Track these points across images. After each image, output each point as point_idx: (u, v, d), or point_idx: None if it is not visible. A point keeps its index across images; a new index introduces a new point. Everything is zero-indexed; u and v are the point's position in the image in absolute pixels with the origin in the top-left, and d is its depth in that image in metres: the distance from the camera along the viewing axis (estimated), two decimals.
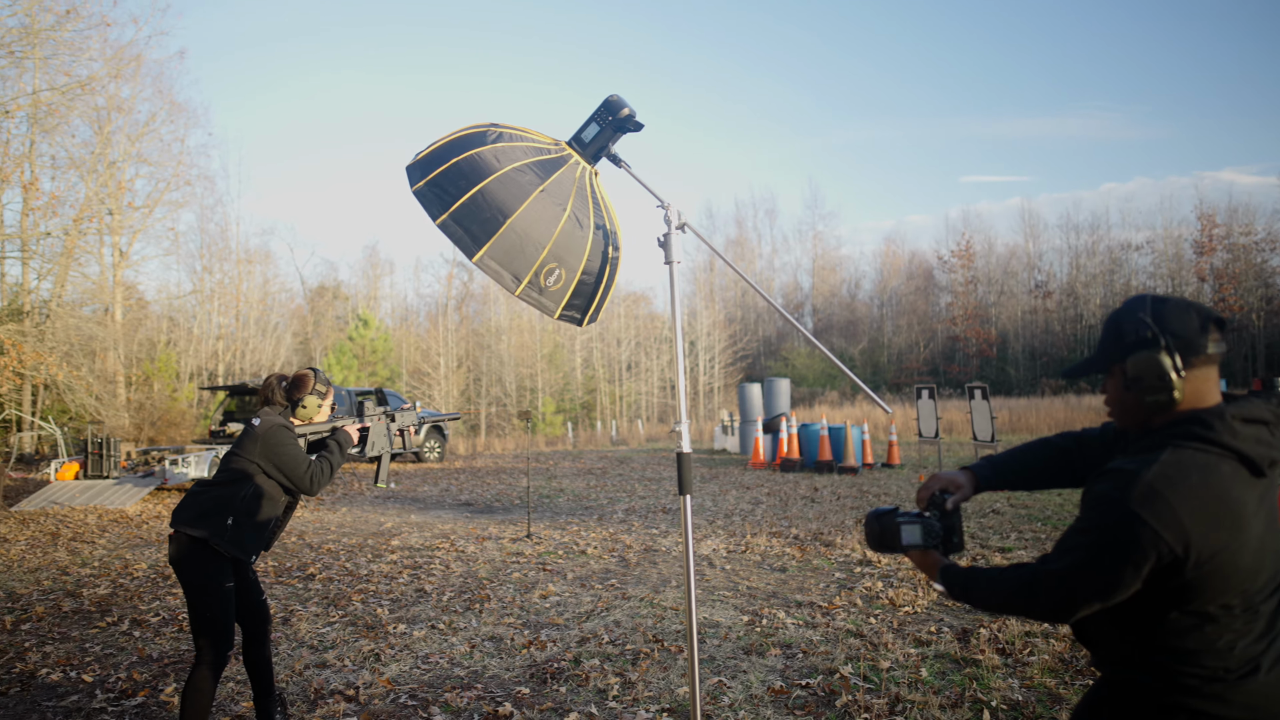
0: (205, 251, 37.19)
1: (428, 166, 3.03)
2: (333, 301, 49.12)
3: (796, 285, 67.02)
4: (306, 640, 5.48)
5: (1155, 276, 58.16)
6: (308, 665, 4.95)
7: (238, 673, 4.76)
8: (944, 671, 4.60)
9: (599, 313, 3.25)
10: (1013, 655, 4.80)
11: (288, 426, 3.60)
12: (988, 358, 57.34)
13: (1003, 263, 61.51)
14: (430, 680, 4.66)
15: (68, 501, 13.00)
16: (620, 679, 4.57)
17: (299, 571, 7.69)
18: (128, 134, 29.05)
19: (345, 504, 13.15)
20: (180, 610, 6.34)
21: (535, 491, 14.28)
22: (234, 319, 38.32)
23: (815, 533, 9.08)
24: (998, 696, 4.17)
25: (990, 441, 13.28)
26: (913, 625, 5.50)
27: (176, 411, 27.90)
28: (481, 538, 9.43)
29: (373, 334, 42.33)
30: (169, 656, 5.21)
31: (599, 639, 5.34)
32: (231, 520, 3.42)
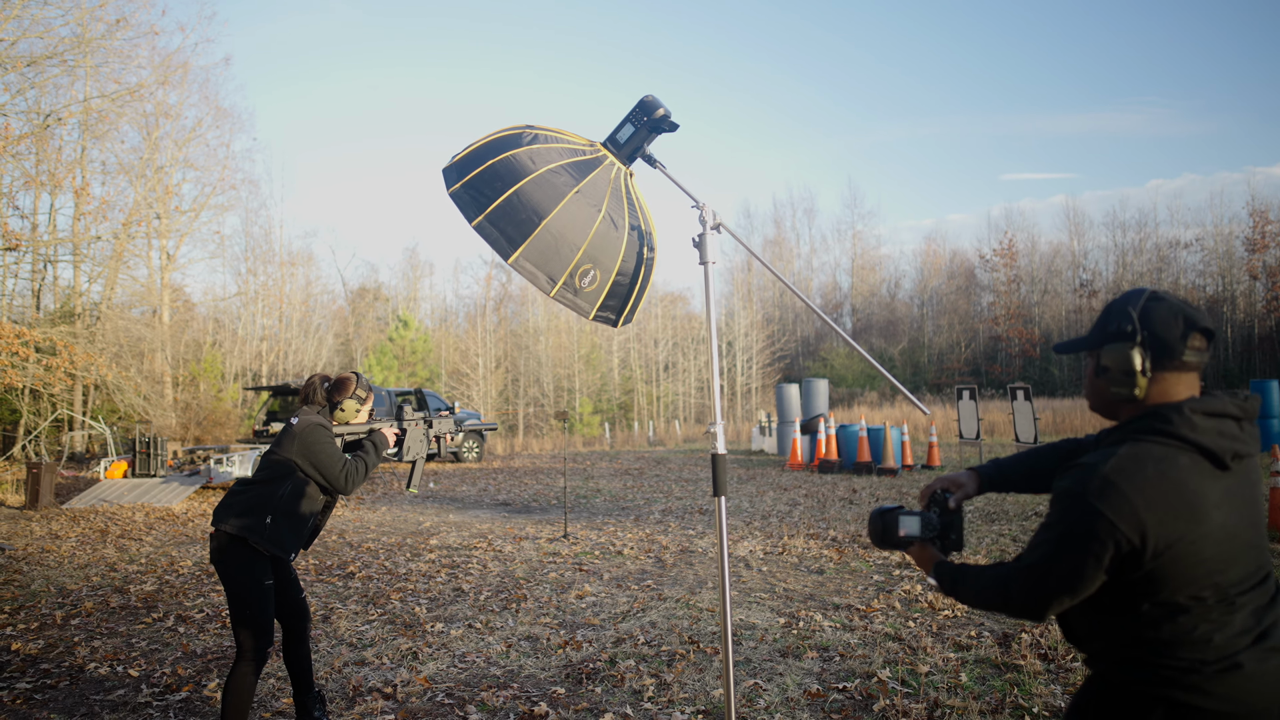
0: (250, 254, 37.88)
1: (464, 169, 3.05)
2: (373, 303, 49.72)
3: (835, 285, 66.54)
4: (346, 638, 5.54)
5: (1205, 275, 56.88)
6: (347, 663, 5.01)
7: (278, 669, 4.83)
8: (984, 677, 4.53)
9: (634, 314, 3.25)
10: (1055, 661, 4.72)
11: (325, 425, 3.65)
12: (1030, 358, 56.43)
13: (1046, 261, 60.52)
14: (467, 679, 4.69)
15: (116, 499, 13.30)
16: (655, 680, 4.56)
17: (339, 570, 7.79)
18: (175, 139, 29.67)
19: (385, 503, 13.30)
20: (223, 607, 6.45)
21: (572, 492, 14.33)
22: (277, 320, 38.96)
23: (853, 535, 9.00)
24: (1039, 703, 4.10)
25: (1034, 443, 13.07)
26: (952, 629, 5.43)
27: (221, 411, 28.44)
28: (519, 537, 9.48)
29: (412, 335, 42.77)
30: (212, 652, 5.31)
31: (635, 640, 5.34)
32: (270, 519, 3.48)
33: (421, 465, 4.08)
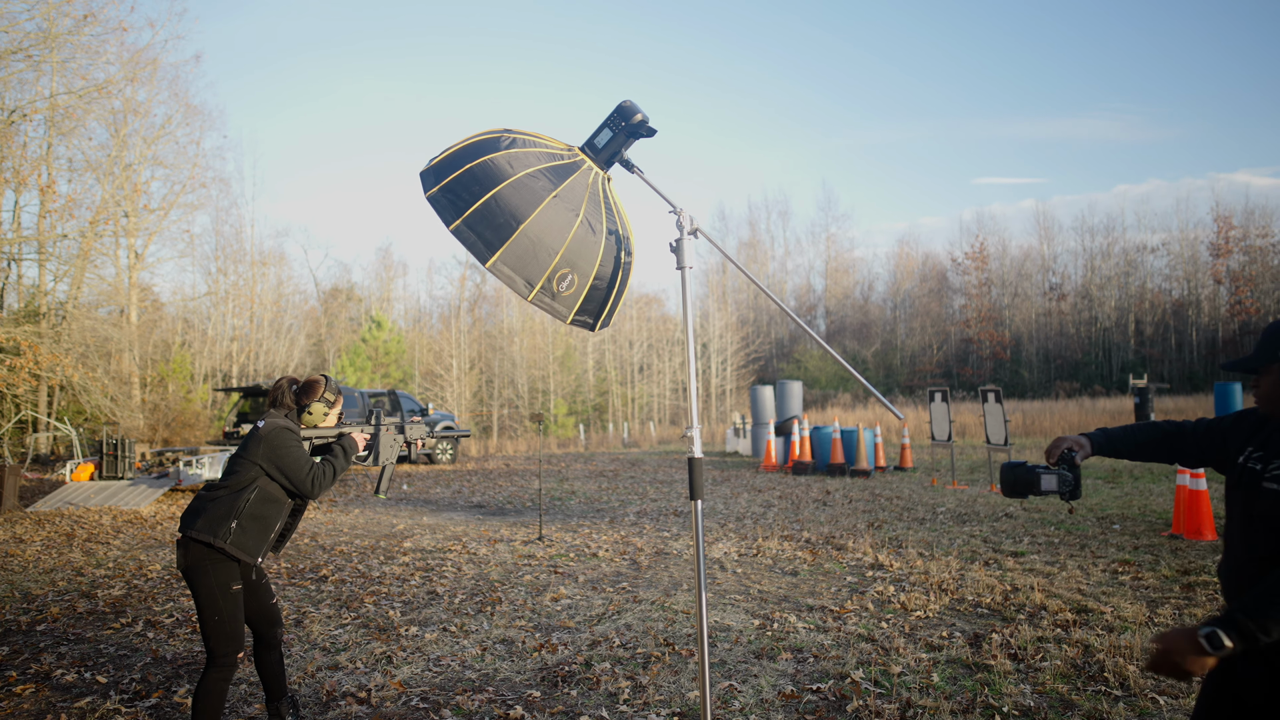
0: (220, 253, 37.47)
1: (441, 172, 3.05)
2: (346, 303, 49.32)
3: (809, 287, 66.93)
4: (319, 642, 5.51)
5: (1171, 279, 57.84)
6: (320, 667, 4.97)
7: (250, 674, 4.79)
8: (955, 677, 4.58)
9: (611, 318, 3.26)
10: (1025, 661, 4.78)
11: (291, 429, 3.62)
12: (1001, 360, 57.08)
13: (1017, 265, 61.26)
14: (441, 683, 4.67)
15: (83, 502, 13.10)
16: (631, 682, 4.57)
17: (312, 573, 7.73)
18: (144, 137, 29.29)
19: (358, 506, 13.21)
20: (193, 612, 6.37)
21: (547, 494, 14.31)
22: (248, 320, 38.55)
23: (827, 536, 9.06)
24: (1009, 702, 4.15)
25: (1004, 445, 13.22)
26: (924, 630, 5.49)
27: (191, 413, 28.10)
28: (493, 540, 9.46)
29: (386, 336, 42.49)
30: (182, 658, 5.25)
31: (610, 642, 5.35)
32: (236, 523, 3.44)
33: (392, 470, 4.06)
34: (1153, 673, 1.96)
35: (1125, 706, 4.07)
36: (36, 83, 23.18)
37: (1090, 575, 6.93)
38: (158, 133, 29.69)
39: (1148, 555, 7.67)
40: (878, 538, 8.92)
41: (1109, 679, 4.43)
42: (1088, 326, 57.78)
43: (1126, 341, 56.41)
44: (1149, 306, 56.91)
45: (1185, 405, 32.85)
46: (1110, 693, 4.25)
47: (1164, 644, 1.92)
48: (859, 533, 9.27)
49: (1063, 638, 5.18)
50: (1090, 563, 7.41)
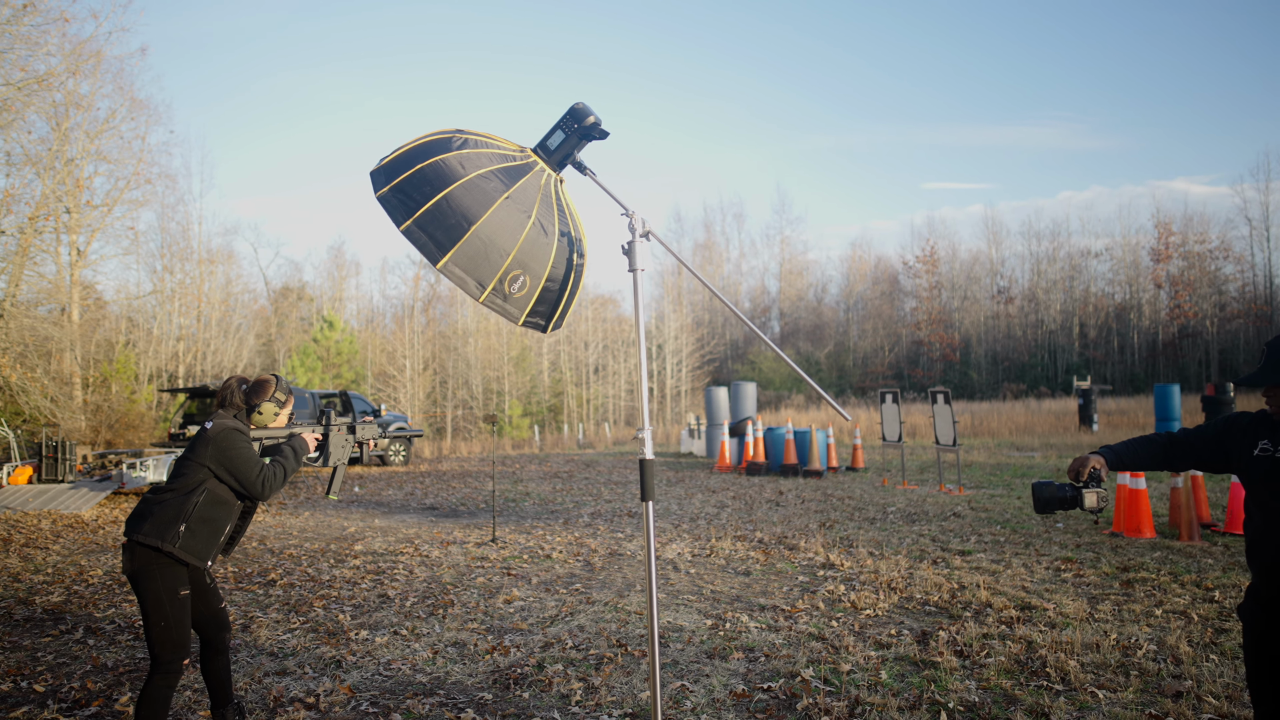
0: (166, 251, 36.64)
1: (392, 172, 3.02)
2: (297, 303, 48.54)
3: (764, 289, 67.43)
4: (266, 647, 5.42)
5: (1114, 283, 59.30)
6: (267, 673, 4.90)
7: (194, 681, 4.70)
8: (903, 674, 4.65)
9: (564, 319, 3.26)
10: (970, 657, 4.88)
11: (240, 429, 3.55)
12: (951, 362, 58.05)
13: (966, 268, 62.34)
14: (392, 687, 4.63)
15: (20, 506, 12.73)
16: (583, 684, 4.57)
17: (259, 577, 7.60)
18: (86, 131, 28.51)
19: (308, 508, 13.01)
20: (135, 617, 6.25)
21: (501, 495, 14.23)
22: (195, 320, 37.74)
23: (780, 536, 9.14)
24: (955, 698, 4.23)
25: (952, 445, 13.45)
26: (874, 628, 5.57)
27: (135, 414, 27.42)
28: (446, 542, 9.39)
29: (338, 336, 41.90)
30: (124, 665, 5.13)
31: (563, 644, 5.34)
32: (185, 527, 3.38)
33: (343, 472, 4.00)
34: None
35: (1066, 701, 4.17)
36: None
37: (1034, 573, 7.08)
38: (101, 127, 28.94)
39: (1089, 553, 7.86)
40: (829, 537, 9.03)
41: (1050, 674, 4.54)
42: (1034, 329, 59.01)
43: (1071, 344, 57.71)
44: (1093, 310, 58.28)
45: (1127, 406, 33.72)
46: (1052, 687, 4.35)
47: None
48: (811, 533, 9.37)
49: (1007, 634, 5.29)
50: (1034, 561, 7.57)
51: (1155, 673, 4.53)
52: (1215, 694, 4.17)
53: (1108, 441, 22.08)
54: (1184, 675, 4.48)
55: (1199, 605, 5.91)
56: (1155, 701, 4.12)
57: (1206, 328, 53.66)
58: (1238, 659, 4.74)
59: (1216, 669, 4.55)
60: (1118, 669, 4.61)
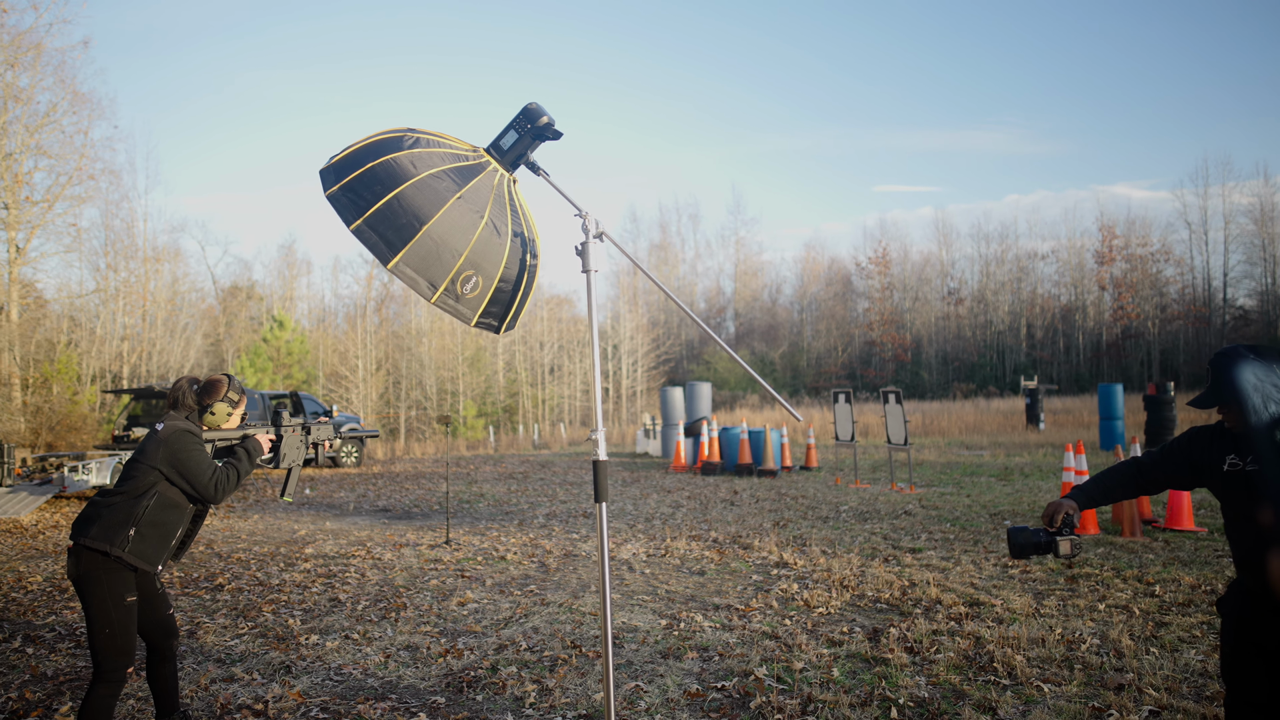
0: (110, 249, 35.72)
1: (342, 171, 2.98)
2: (246, 302, 47.65)
3: (719, 290, 67.80)
4: (213, 653, 5.31)
5: (1060, 284, 60.64)
6: (214, 679, 4.80)
7: (139, 689, 4.59)
8: (855, 671, 4.71)
9: (517, 321, 3.25)
10: (920, 653, 4.95)
11: (193, 432, 3.48)
12: (903, 362, 58.91)
13: (917, 270, 63.31)
14: (343, 692, 4.57)
15: None
16: (537, 686, 4.56)
17: (206, 582, 7.45)
18: (25, 125, 27.69)
19: (257, 511, 12.79)
20: (77, 625, 6.09)
21: (455, 497, 14.12)
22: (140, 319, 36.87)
23: (734, 535, 9.20)
24: (905, 694, 4.29)
25: (904, 445, 13.64)
26: (826, 626, 5.62)
27: (77, 415, 26.67)
28: (399, 545, 9.29)
29: (288, 336, 41.22)
30: (65, 674, 4.99)
31: (517, 646, 5.32)
32: (134, 531, 3.30)
33: (297, 473, 3.93)
34: None
35: (1013, 695, 4.25)
36: None
37: (982, 570, 7.21)
38: (41, 121, 28.13)
39: None
40: (783, 536, 9.10)
41: (998, 669, 4.62)
42: (983, 330, 60.11)
43: (1019, 344, 58.91)
44: (1039, 311, 59.54)
45: (1072, 405, 34.52)
46: (999, 682, 4.44)
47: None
48: (765, 532, 9.43)
49: (956, 630, 5.38)
50: (983, 558, 7.71)
51: (1098, 666, 4.64)
52: (1155, 686, 4.28)
53: (1053, 441, 22.58)
54: (1125, 668, 4.59)
55: (1140, 600, 6.06)
56: (1098, 694, 4.23)
57: (1148, 329, 55.14)
58: (1177, 652, 4.88)
59: (1157, 661, 4.68)
60: (1062, 663, 4.71)
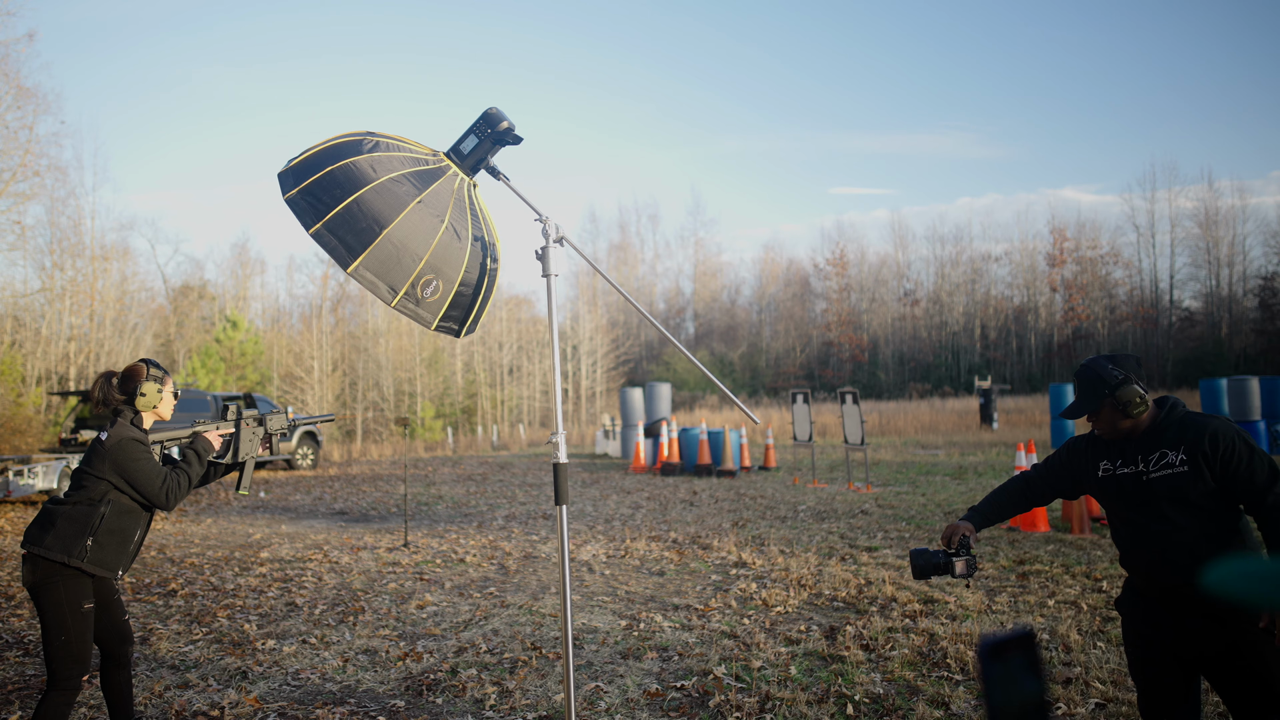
0: (56, 247, 34.82)
1: (301, 174, 2.97)
2: (198, 301, 46.73)
3: (679, 290, 67.98)
4: (167, 660, 5.24)
5: (1012, 286, 61.73)
6: (168, 686, 4.73)
7: (92, 697, 4.51)
8: (812, 669, 4.78)
9: (477, 324, 3.26)
10: (876, 651, 5.04)
11: (139, 439, 3.39)
12: (860, 362, 59.58)
13: (874, 271, 64.04)
14: (300, 697, 4.53)
15: None
16: (498, 688, 4.56)
17: (159, 588, 7.33)
18: None
19: (210, 514, 12.59)
20: (25, 632, 5.96)
21: (413, 499, 14.02)
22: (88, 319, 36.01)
23: (693, 536, 9.26)
24: (861, 690, 4.37)
25: (860, 444, 13.82)
26: (784, 625, 5.70)
27: (22, 418, 26.00)
28: (356, 548, 9.21)
29: (242, 336, 40.54)
30: (13, 683, 4.89)
31: (477, 648, 5.32)
32: (92, 540, 3.24)
33: (251, 465, 3.85)
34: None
35: (965, 690, 4.35)
36: None
37: None
38: None
39: (988, 547, 8.19)
40: (741, 536, 9.19)
41: (951, 665, 4.73)
42: (938, 330, 61.01)
43: (973, 345, 59.90)
44: (993, 312, 60.58)
45: (1025, 405, 35.19)
46: (952, 678, 4.54)
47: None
48: (724, 532, 9.51)
49: (911, 627, 5.49)
50: None
51: (1047, 660, 4.76)
52: (1101, 679, 4.41)
53: (1006, 440, 23.01)
54: (1073, 662, 4.72)
55: (1088, 595, 6.23)
56: (1046, 688, 4.34)
57: (1098, 329, 56.38)
58: (1122, 646, 5.02)
59: (1103, 655, 4.81)
60: None
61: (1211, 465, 2.59)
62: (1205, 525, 2.62)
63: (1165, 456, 2.66)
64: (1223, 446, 2.58)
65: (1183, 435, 2.67)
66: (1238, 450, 2.57)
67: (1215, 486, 2.61)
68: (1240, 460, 2.57)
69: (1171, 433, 2.70)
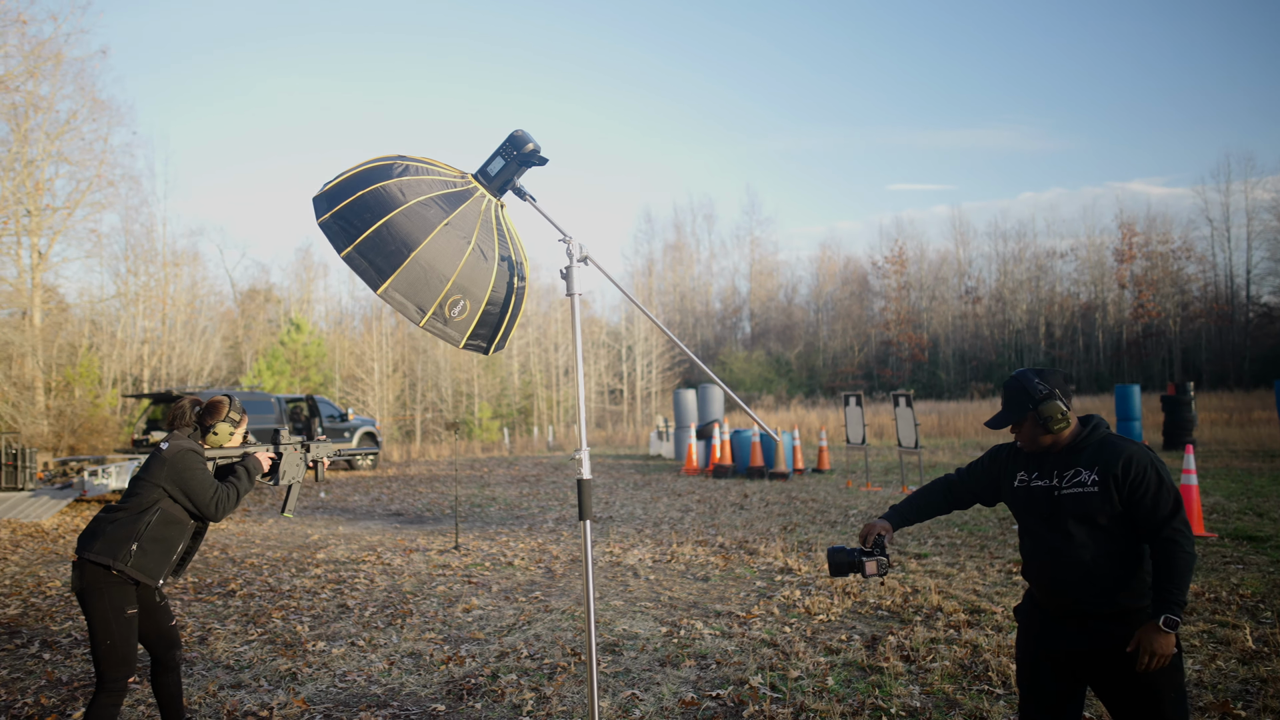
0: (130, 253, 36.19)
1: (334, 199, 3.07)
2: (264, 305, 48.07)
3: (734, 290, 67.70)
4: (223, 660, 5.44)
5: (1079, 283, 60.15)
6: (222, 686, 4.92)
7: (149, 695, 4.71)
8: (850, 679, 4.77)
9: (506, 341, 3.33)
10: (916, 662, 5.00)
11: (196, 451, 3.59)
12: (920, 362, 58.63)
13: (934, 269, 62.97)
14: (346, 699, 4.67)
15: None
16: (535, 694, 4.64)
17: (219, 588, 7.59)
18: (46, 132, 28.10)
19: (272, 515, 12.96)
20: None
21: (467, 500, 14.24)
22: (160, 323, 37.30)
23: (741, 540, 9.25)
24: (898, 704, 4.34)
25: (914, 448, 13.64)
26: (825, 633, 5.68)
27: (99, 419, 27.05)
28: (409, 550, 9.41)
29: (305, 338, 41.56)
30: (79, 679, 5.13)
31: (518, 653, 5.41)
32: (137, 546, 3.41)
33: (297, 490, 4.04)
34: (1145, 670, 2.57)
35: (1005, 704, 4.30)
36: None
37: (987, 576, 7.24)
38: (62, 128, 28.54)
39: None
40: (789, 541, 9.15)
41: (993, 678, 4.67)
42: (1001, 329, 59.74)
43: (1038, 343, 58.50)
44: (1058, 309, 59.11)
45: (1090, 405, 34.25)
46: (993, 691, 4.48)
47: (1152, 648, 2.53)
48: (772, 536, 9.49)
49: (954, 639, 5.42)
50: (988, 564, 7.74)
51: None
52: None
53: None
54: None
55: None
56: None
57: (1170, 327, 54.62)
58: None
59: None
60: None
61: (1120, 489, 2.64)
62: (1106, 546, 2.67)
63: (1079, 475, 2.72)
64: (1134, 473, 2.64)
65: (1099, 456, 2.72)
66: (1148, 478, 2.62)
67: (1121, 510, 2.65)
68: (1148, 488, 2.62)
69: (1089, 452, 2.75)
